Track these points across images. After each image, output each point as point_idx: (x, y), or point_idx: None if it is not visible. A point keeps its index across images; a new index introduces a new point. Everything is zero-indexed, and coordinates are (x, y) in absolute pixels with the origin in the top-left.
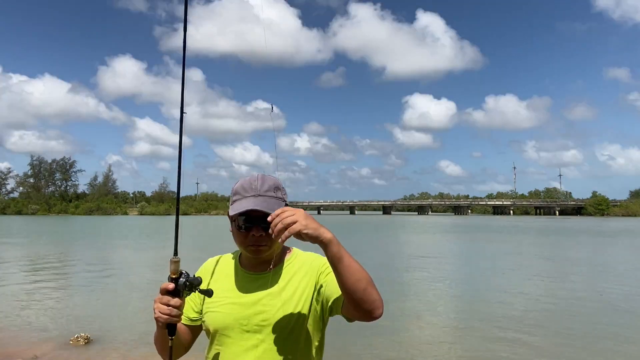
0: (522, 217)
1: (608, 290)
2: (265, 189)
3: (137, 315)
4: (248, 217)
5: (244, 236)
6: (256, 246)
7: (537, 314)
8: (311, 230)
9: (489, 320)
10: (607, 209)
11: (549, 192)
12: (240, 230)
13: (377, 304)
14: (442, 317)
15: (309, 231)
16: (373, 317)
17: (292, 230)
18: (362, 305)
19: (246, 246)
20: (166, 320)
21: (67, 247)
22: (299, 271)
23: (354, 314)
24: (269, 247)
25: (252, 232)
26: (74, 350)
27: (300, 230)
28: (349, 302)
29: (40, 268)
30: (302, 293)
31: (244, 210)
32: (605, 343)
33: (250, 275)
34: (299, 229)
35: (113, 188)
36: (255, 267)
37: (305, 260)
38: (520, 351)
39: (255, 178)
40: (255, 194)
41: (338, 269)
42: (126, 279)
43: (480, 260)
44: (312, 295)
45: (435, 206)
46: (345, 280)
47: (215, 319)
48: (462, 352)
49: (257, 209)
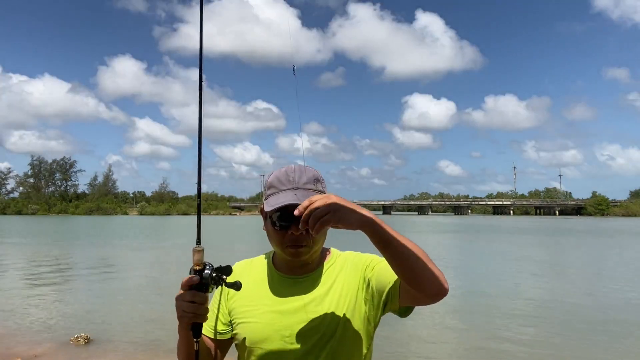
0: (522, 217)
1: (608, 290)
2: (304, 181)
3: (137, 315)
4: (285, 214)
5: (281, 235)
6: (295, 247)
7: (537, 313)
8: (346, 219)
9: (488, 319)
10: (607, 209)
11: (549, 192)
12: (276, 229)
13: (441, 278)
14: (442, 317)
15: (344, 222)
16: (442, 293)
17: (325, 222)
18: (427, 285)
19: (284, 247)
20: (192, 319)
21: (67, 247)
22: (342, 272)
23: (419, 297)
24: (310, 248)
25: (291, 231)
26: (74, 350)
27: (335, 222)
28: (411, 286)
29: (40, 268)
30: (348, 295)
31: (281, 205)
32: (604, 342)
33: (289, 279)
34: (333, 221)
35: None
36: (294, 269)
37: (347, 259)
38: (520, 350)
39: (292, 169)
40: (293, 187)
41: (390, 253)
42: (126, 279)
43: (480, 260)
44: (361, 295)
45: (435, 206)
46: (401, 263)
47: (251, 330)
48: (462, 351)
49: (297, 203)
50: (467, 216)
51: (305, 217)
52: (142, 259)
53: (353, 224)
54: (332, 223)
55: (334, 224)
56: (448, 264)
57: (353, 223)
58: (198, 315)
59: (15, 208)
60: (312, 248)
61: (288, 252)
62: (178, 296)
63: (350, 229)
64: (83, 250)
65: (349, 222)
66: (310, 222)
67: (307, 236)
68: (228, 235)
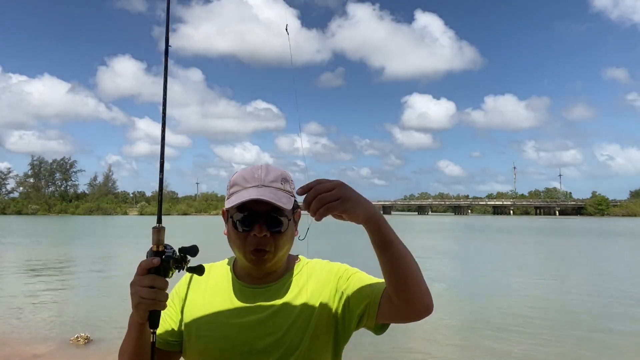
0: (522, 217)
1: (608, 290)
2: (271, 179)
3: None
4: (248, 213)
5: (243, 238)
6: (258, 252)
7: (536, 313)
8: (354, 211)
9: (488, 319)
10: (607, 209)
11: (549, 192)
12: (237, 230)
13: (429, 294)
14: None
15: (351, 213)
16: (428, 310)
17: (330, 209)
18: (418, 297)
19: (245, 252)
20: (150, 307)
21: (67, 247)
22: (310, 281)
23: (402, 312)
24: (274, 254)
25: (253, 232)
26: (74, 350)
27: (341, 211)
28: (400, 296)
29: (40, 268)
30: (315, 307)
31: (244, 200)
32: (604, 342)
33: (250, 289)
34: (340, 210)
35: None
36: (256, 278)
37: (316, 268)
38: (520, 350)
39: (258, 167)
40: (258, 184)
41: (388, 256)
42: (126, 279)
43: (480, 260)
44: (330, 308)
45: (435, 206)
46: (397, 268)
47: (205, 343)
48: (461, 351)
49: (262, 198)
50: (467, 216)
51: (309, 197)
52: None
53: (359, 216)
54: (338, 211)
55: (339, 213)
56: (448, 264)
57: (359, 216)
58: (157, 302)
59: (15, 208)
60: (276, 254)
61: (249, 259)
62: (134, 281)
63: (353, 222)
64: (83, 250)
65: (355, 214)
66: (314, 205)
67: (271, 239)
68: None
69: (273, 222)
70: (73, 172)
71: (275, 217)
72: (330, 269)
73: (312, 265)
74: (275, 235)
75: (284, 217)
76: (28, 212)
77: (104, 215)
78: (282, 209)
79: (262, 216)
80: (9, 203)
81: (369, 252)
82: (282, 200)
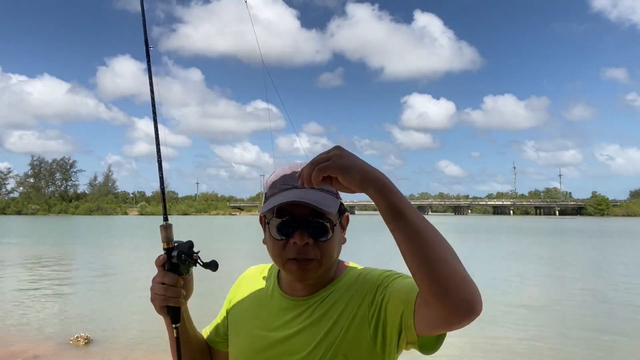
0: (522, 217)
1: (608, 290)
2: None
3: (137, 316)
4: (288, 218)
5: (281, 246)
6: (300, 261)
7: (536, 312)
8: (349, 170)
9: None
10: (607, 209)
11: (549, 192)
12: (275, 238)
13: (469, 285)
14: None
15: (346, 172)
16: (470, 308)
17: (324, 169)
18: (449, 289)
19: (285, 262)
20: (162, 302)
21: (67, 247)
22: (345, 294)
23: (440, 312)
24: (320, 264)
25: (293, 240)
26: (74, 350)
27: (337, 171)
28: (430, 291)
29: (40, 268)
30: (344, 325)
31: (281, 203)
32: (604, 342)
33: (287, 300)
34: (335, 170)
35: (113, 188)
36: (296, 289)
37: (357, 278)
38: (520, 350)
39: (297, 165)
40: (298, 185)
41: (401, 229)
42: (126, 279)
43: (479, 260)
44: (366, 324)
45: (435, 206)
46: (415, 248)
47: (234, 350)
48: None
49: (302, 201)
50: (467, 216)
51: (302, 169)
52: (141, 259)
53: (356, 179)
54: (331, 171)
55: (336, 173)
56: None
57: (356, 178)
58: (167, 297)
59: (15, 208)
60: (322, 263)
61: (290, 269)
62: (153, 278)
63: (352, 188)
64: (83, 250)
65: (351, 175)
66: (306, 170)
67: (315, 247)
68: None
69: (316, 228)
70: (73, 172)
71: (318, 222)
72: (371, 277)
73: (355, 275)
74: (319, 243)
75: (328, 222)
76: (28, 212)
77: (104, 215)
78: (326, 213)
79: (303, 221)
80: (9, 203)
81: (376, 253)
82: (326, 203)
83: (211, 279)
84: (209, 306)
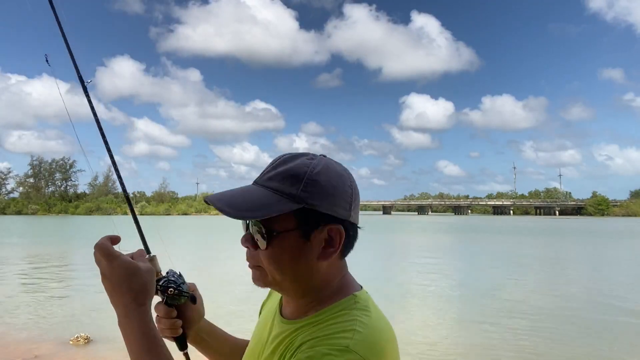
0: (522, 217)
1: (608, 291)
2: (271, 175)
3: None
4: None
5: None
6: (252, 268)
7: (536, 312)
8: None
9: (487, 319)
10: (607, 209)
11: (549, 192)
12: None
13: None
14: (442, 315)
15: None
16: None
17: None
18: None
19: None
20: (163, 333)
21: (67, 247)
22: (294, 342)
23: None
24: (265, 275)
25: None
26: (74, 350)
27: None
28: None
29: (40, 268)
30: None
31: (206, 199)
32: (602, 341)
33: (278, 321)
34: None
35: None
36: (285, 308)
37: (312, 328)
38: (519, 350)
39: (279, 157)
40: (256, 180)
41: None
42: None
43: (480, 260)
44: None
45: (435, 206)
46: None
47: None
48: (460, 350)
49: (207, 200)
50: (467, 216)
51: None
52: None
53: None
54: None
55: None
56: (448, 264)
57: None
58: (162, 329)
59: (15, 208)
60: (269, 273)
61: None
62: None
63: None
64: (83, 250)
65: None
66: None
67: (255, 255)
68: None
69: (250, 233)
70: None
71: (251, 228)
72: (297, 343)
73: (328, 317)
74: (259, 251)
75: (257, 228)
76: (28, 212)
77: (104, 215)
78: (243, 218)
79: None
80: (9, 203)
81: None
82: (241, 205)
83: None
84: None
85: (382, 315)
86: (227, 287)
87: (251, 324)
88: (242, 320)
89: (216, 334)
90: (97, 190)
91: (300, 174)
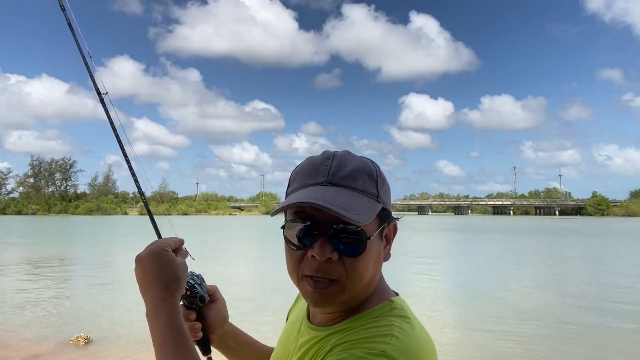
0: (523, 217)
1: (608, 291)
2: (344, 174)
3: (137, 315)
4: (309, 223)
5: (298, 258)
6: (317, 281)
7: (536, 312)
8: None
9: (487, 319)
10: (607, 209)
11: (549, 192)
12: (290, 247)
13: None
14: (442, 315)
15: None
16: None
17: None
18: None
19: (300, 278)
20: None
21: (67, 247)
22: (324, 347)
23: None
24: (342, 290)
25: (312, 252)
26: (74, 350)
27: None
28: None
29: (40, 268)
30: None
31: (293, 203)
32: (602, 340)
33: (306, 327)
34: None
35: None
36: (315, 314)
37: (345, 333)
38: (519, 350)
39: (330, 155)
40: (323, 181)
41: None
42: (126, 279)
43: (480, 260)
44: None
45: (435, 206)
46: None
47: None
48: (460, 351)
49: (317, 203)
50: (467, 216)
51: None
52: None
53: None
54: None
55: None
56: (448, 264)
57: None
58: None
59: (15, 208)
60: (346, 288)
61: (304, 289)
62: None
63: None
64: (83, 250)
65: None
66: None
67: (339, 265)
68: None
69: (343, 240)
70: (73, 172)
71: (346, 233)
72: (332, 342)
73: (370, 319)
74: (346, 260)
75: (361, 233)
76: (28, 212)
77: (104, 215)
78: (354, 222)
79: (327, 230)
80: (9, 203)
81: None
82: (356, 207)
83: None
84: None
85: (422, 326)
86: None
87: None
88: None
89: (242, 340)
90: (97, 190)
91: (373, 172)
